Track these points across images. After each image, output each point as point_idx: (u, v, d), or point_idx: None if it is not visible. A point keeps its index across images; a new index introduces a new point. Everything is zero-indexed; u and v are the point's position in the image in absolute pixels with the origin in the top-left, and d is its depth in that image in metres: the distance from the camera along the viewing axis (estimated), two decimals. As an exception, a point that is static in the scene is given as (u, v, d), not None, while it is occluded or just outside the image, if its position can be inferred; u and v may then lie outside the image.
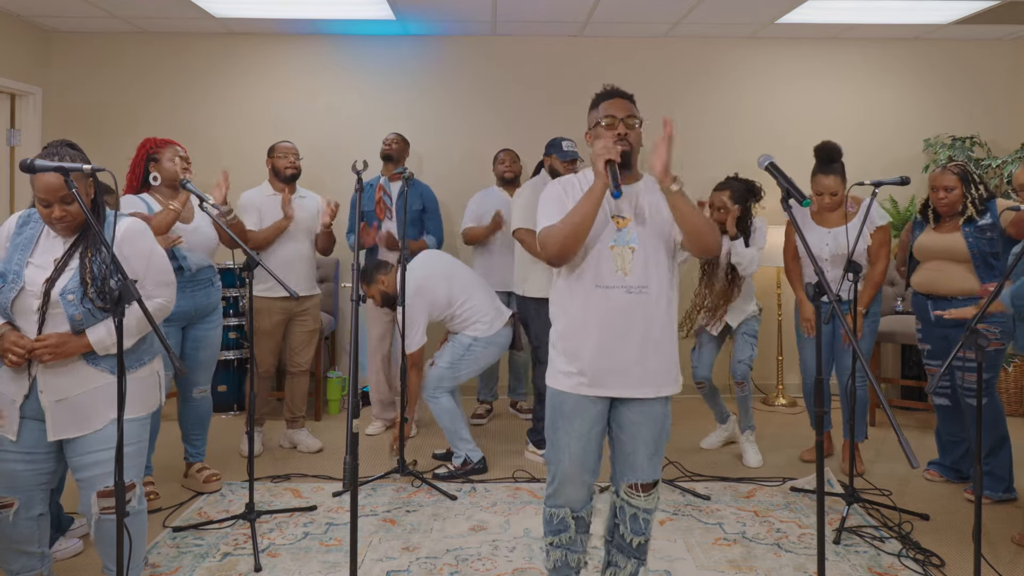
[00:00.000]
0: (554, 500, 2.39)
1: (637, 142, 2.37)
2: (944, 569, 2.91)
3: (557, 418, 2.35)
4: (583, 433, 2.31)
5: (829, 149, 3.74)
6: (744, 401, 4.08)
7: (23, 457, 2.32)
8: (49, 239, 2.36)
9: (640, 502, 2.36)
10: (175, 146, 3.49)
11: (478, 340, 3.89)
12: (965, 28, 5.24)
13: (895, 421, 1.78)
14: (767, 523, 3.32)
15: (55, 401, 2.30)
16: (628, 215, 2.32)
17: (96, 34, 5.39)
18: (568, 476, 2.34)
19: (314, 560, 2.98)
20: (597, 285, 2.28)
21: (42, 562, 2.47)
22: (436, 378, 3.89)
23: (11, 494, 2.33)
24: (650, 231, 2.31)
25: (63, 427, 2.31)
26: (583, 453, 2.32)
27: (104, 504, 2.31)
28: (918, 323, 3.76)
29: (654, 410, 2.33)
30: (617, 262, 2.28)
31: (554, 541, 2.40)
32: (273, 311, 4.09)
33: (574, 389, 2.32)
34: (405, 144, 4.71)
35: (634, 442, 2.33)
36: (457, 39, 5.49)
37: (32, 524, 2.38)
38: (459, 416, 3.92)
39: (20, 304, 2.29)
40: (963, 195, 3.49)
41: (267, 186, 4.18)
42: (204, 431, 3.73)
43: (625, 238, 2.29)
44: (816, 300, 2.14)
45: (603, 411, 2.33)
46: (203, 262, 3.52)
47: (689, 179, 5.18)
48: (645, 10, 4.87)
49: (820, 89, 5.56)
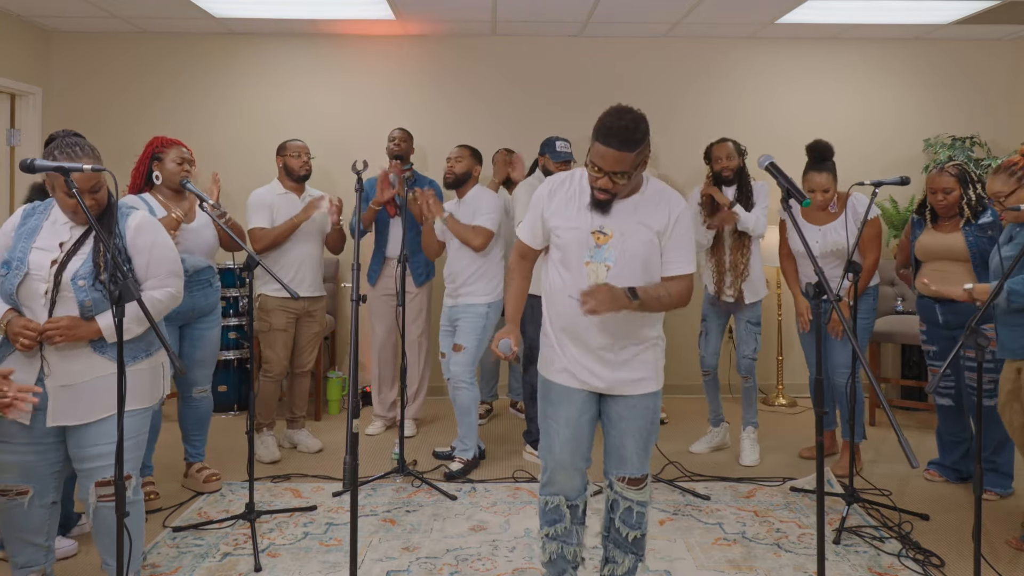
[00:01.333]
0: (548, 488, 2.41)
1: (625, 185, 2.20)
2: (944, 569, 2.91)
3: (547, 406, 2.39)
4: (572, 420, 2.34)
5: (821, 147, 3.77)
6: (749, 393, 4.09)
7: (33, 448, 2.37)
8: (55, 226, 2.39)
9: (632, 494, 2.38)
10: (180, 147, 3.48)
11: (491, 306, 3.90)
12: (965, 28, 5.24)
13: (895, 421, 1.78)
14: (767, 523, 3.32)
15: (60, 386, 2.34)
16: (611, 231, 2.25)
17: (96, 34, 5.39)
18: (560, 463, 2.36)
19: (314, 560, 2.98)
20: (569, 295, 2.28)
21: (46, 557, 2.51)
22: (469, 361, 3.87)
23: (26, 482, 2.38)
24: (630, 250, 2.24)
25: (63, 413, 2.35)
26: (573, 440, 2.34)
27: (102, 492, 2.36)
28: (922, 324, 3.76)
29: (641, 404, 2.35)
30: (591, 278, 2.25)
31: (549, 532, 2.42)
32: (283, 310, 4.05)
33: (560, 379, 2.36)
34: (410, 139, 4.68)
35: (622, 436, 2.36)
36: (457, 39, 5.49)
37: (45, 512, 2.44)
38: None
39: (26, 290, 2.32)
40: (961, 196, 3.51)
41: (277, 184, 4.13)
42: (204, 431, 3.73)
43: (603, 255, 2.25)
44: (817, 300, 2.14)
45: (590, 399, 2.37)
46: (201, 263, 3.51)
47: (689, 179, 5.20)
48: (645, 10, 4.87)
49: (820, 89, 5.56)
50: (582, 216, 2.27)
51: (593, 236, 2.25)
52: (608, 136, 2.10)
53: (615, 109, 2.15)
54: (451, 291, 3.95)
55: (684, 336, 5.21)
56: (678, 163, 5.43)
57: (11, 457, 2.36)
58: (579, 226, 2.27)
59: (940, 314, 3.60)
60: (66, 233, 2.38)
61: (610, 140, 2.10)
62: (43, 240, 2.36)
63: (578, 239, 2.26)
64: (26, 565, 2.47)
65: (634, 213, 2.26)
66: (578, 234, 2.26)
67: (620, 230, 2.24)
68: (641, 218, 2.26)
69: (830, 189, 3.77)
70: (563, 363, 2.35)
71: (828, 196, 3.78)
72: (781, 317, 5.43)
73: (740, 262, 3.97)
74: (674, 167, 5.38)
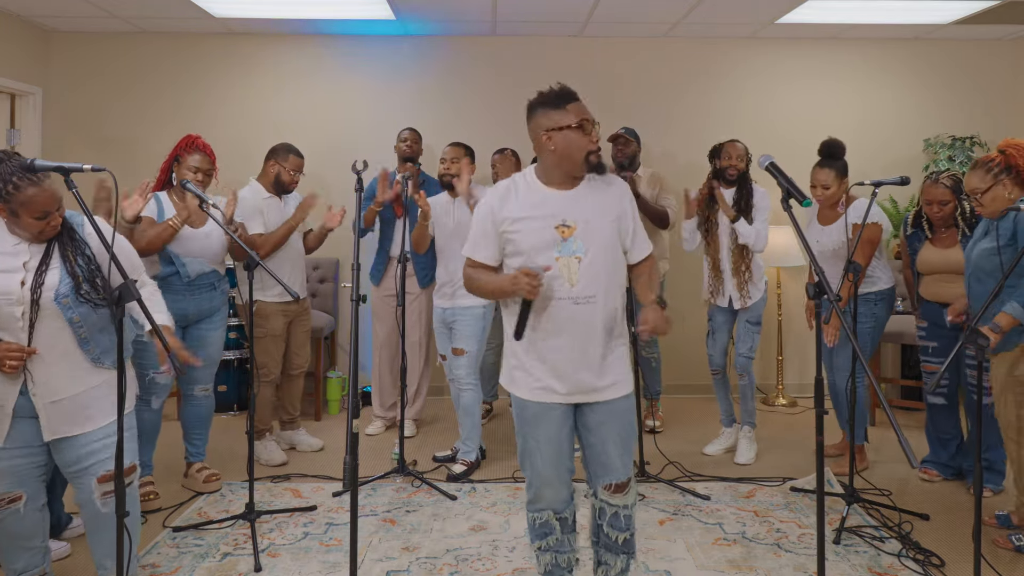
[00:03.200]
0: (535, 504, 2.38)
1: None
2: (944, 569, 2.91)
3: (524, 425, 2.34)
4: (552, 436, 2.30)
5: (830, 145, 3.80)
6: (745, 390, 4.09)
7: (21, 452, 2.37)
8: (8, 246, 2.31)
9: (619, 500, 2.36)
10: (202, 155, 3.50)
11: (487, 307, 3.89)
12: (965, 28, 5.24)
13: (895, 421, 1.78)
14: (767, 523, 3.32)
15: (49, 403, 2.32)
16: (574, 222, 2.24)
17: (96, 34, 5.39)
18: (545, 479, 2.33)
19: (314, 560, 2.98)
20: (544, 297, 2.22)
21: (43, 558, 2.51)
22: (471, 364, 3.86)
23: (19, 488, 2.38)
24: (597, 238, 2.25)
25: (58, 427, 2.34)
26: (556, 455, 2.31)
27: (105, 489, 2.37)
28: (921, 321, 3.77)
29: (619, 407, 2.32)
30: (564, 272, 2.22)
31: (542, 545, 2.40)
32: (280, 314, 4.03)
33: (534, 396, 2.30)
34: (420, 139, 4.65)
35: (604, 443, 2.32)
36: (457, 39, 5.49)
37: (38, 515, 2.45)
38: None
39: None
40: (955, 208, 3.53)
41: (259, 188, 4.01)
42: (205, 431, 3.73)
43: (571, 247, 2.23)
44: (817, 299, 2.14)
45: (567, 412, 2.32)
46: (203, 268, 3.51)
47: (688, 180, 5.19)
48: (645, 10, 4.87)
49: (820, 89, 5.56)
50: (541, 213, 2.25)
51: (557, 231, 2.23)
52: (571, 94, 2.29)
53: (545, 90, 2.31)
54: (447, 293, 3.91)
55: (686, 336, 5.21)
56: (677, 163, 5.43)
57: (2, 464, 2.35)
58: (541, 226, 2.24)
59: (946, 317, 3.61)
60: (25, 252, 2.32)
61: (573, 95, 2.29)
62: (2, 262, 2.29)
63: (543, 238, 2.23)
64: (24, 571, 2.46)
65: (588, 200, 2.27)
66: (542, 232, 2.23)
67: (583, 219, 2.24)
68: (597, 203, 2.28)
69: (831, 186, 3.77)
70: (537, 379, 2.29)
71: (828, 193, 3.79)
72: (781, 317, 5.43)
73: (741, 268, 3.97)
74: (673, 167, 5.38)
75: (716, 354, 4.17)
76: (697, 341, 4.87)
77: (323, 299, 5.31)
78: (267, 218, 3.96)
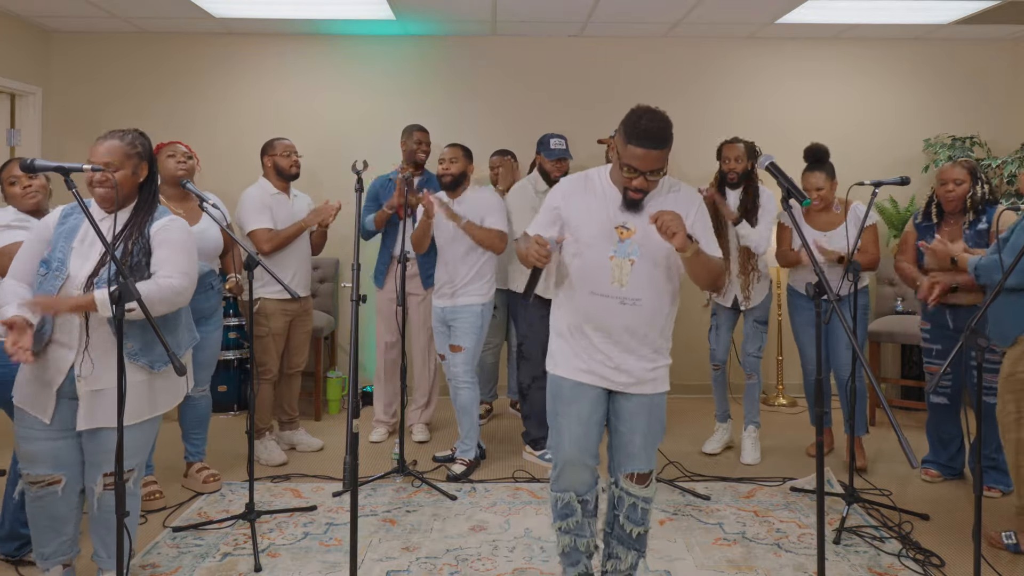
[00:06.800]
0: (559, 484, 2.44)
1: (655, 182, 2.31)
2: (944, 569, 2.91)
3: (557, 403, 2.42)
4: (583, 417, 2.37)
5: (815, 149, 3.88)
6: (751, 391, 4.09)
7: (62, 435, 2.41)
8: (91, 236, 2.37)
9: (639, 491, 2.42)
10: (173, 145, 3.51)
11: (485, 305, 3.89)
12: (965, 28, 5.24)
13: (895, 421, 1.78)
14: (767, 523, 3.32)
15: (91, 391, 2.37)
16: (634, 226, 2.31)
17: (96, 34, 5.39)
18: (570, 459, 2.39)
19: (314, 560, 2.98)
20: (592, 292, 2.33)
21: (71, 548, 2.55)
22: (469, 361, 3.86)
23: (57, 471, 2.43)
24: (652, 245, 2.30)
25: (94, 417, 2.38)
26: (584, 436, 2.37)
27: (107, 481, 2.43)
28: (925, 323, 3.76)
29: (653, 402, 2.40)
30: (615, 273, 2.31)
31: (562, 526, 2.46)
32: (282, 313, 4.03)
33: (572, 375, 2.38)
34: (430, 141, 4.63)
35: (632, 433, 2.39)
36: (457, 39, 5.49)
37: (75, 500, 2.49)
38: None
39: (64, 295, 2.33)
40: (969, 190, 3.53)
41: (267, 184, 4.05)
42: (204, 430, 3.73)
43: (626, 250, 2.31)
44: (816, 299, 2.15)
45: (601, 397, 2.39)
46: (203, 268, 3.50)
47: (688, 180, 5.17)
48: (645, 10, 4.87)
49: (820, 89, 5.56)
50: (605, 212, 2.33)
51: (617, 231, 2.31)
52: (642, 138, 2.18)
53: (641, 111, 2.23)
54: (448, 292, 3.90)
55: (686, 336, 5.18)
56: (677, 163, 5.43)
57: (41, 446, 2.40)
58: (603, 222, 2.32)
59: (951, 320, 3.61)
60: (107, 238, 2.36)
61: (644, 141, 2.18)
62: (83, 246, 2.38)
63: (603, 234, 2.31)
64: (52, 555, 2.51)
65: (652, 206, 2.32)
66: (603, 229, 2.32)
67: (643, 225, 2.30)
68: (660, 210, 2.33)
69: (824, 188, 3.83)
70: (579, 362, 2.37)
71: (823, 195, 3.83)
72: (781, 317, 5.43)
73: (748, 268, 3.97)
74: (673, 167, 5.38)
75: (719, 348, 4.16)
76: (694, 342, 4.88)
77: (323, 299, 5.31)
78: (275, 214, 3.98)
